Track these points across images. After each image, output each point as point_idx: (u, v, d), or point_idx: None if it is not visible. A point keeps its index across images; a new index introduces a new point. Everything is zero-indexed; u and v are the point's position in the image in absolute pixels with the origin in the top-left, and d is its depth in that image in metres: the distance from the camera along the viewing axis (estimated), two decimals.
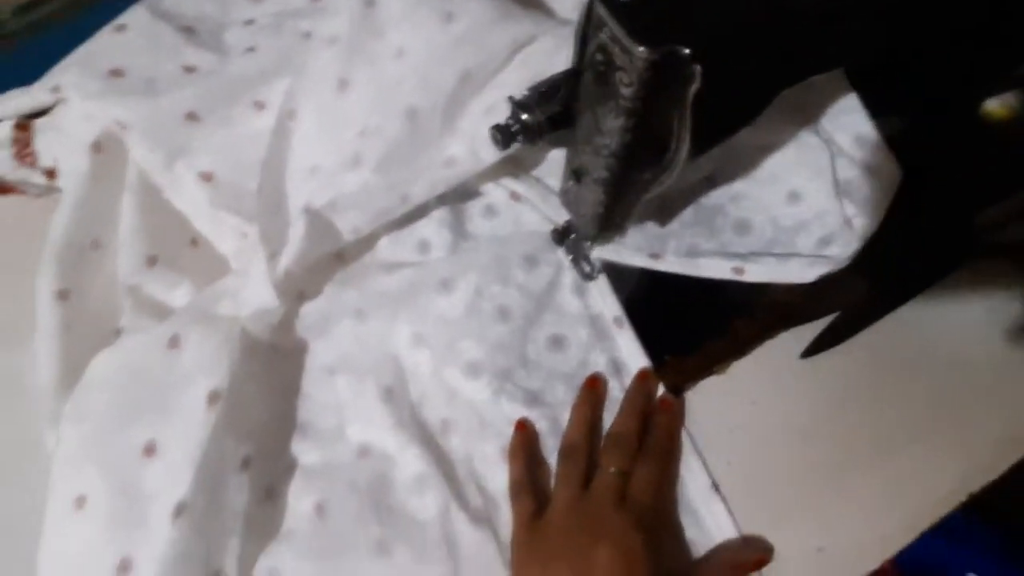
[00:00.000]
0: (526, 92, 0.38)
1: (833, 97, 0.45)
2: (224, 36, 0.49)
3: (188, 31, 0.48)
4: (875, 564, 0.40)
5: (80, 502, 0.36)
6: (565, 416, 0.42)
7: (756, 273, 0.42)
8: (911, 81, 0.46)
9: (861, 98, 0.45)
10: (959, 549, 0.55)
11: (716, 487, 0.41)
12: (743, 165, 0.46)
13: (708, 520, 0.40)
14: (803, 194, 0.45)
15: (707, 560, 0.40)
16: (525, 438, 0.41)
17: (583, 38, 0.33)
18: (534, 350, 0.44)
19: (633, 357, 0.44)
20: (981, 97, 0.46)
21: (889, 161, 0.44)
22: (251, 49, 0.48)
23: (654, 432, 0.41)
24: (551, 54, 0.43)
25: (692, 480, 0.41)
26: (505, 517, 0.40)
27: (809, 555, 0.40)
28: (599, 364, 0.44)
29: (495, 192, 0.48)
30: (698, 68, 0.28)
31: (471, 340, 0.43)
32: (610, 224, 0.41)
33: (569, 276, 0.46)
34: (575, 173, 0.38)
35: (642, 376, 0.43)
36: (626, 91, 0.29)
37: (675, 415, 0.42)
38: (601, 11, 0.29)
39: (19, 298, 0.42)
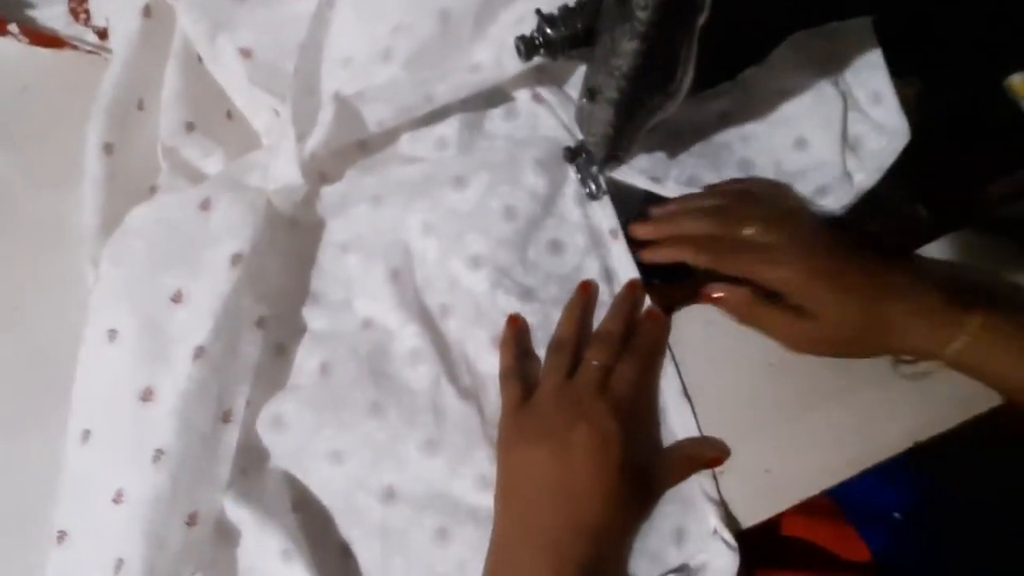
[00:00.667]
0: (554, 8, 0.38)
1: (858, 51, 0.45)
2: None
3: None
4: (814, 491, 0.42)
5: (112, 334, 0.39)
6: (556, 314, 0.44)
7: None
8: (938, 45, 0.46)
9: (886, 55, 0.44)
10: (892, 490, 0.55)
11: (687, 394, 0.43)
12: (759, 106, 0.46)
13: (676, 420, 0.42)
14: (810, 142, 0.45)
15: (670, 451, 0.42)
16: (516, 330, 0.43)
17: None
18: (534, 251, 0.45)
19: (624, 267, 0.45)
20: (1006, 70, 0.46)
21: (900, 122, 0.44)
22: None
23: (638, 335, 0.43)
24: None
25: (667, 385, 0.43)
26: (491, 396, 0.42)
27: (757, 474, 0.42)
28: (592, 270, 0.45)
29: (518, 94, 0.48)
30: None
31: (477, 234, 0.44)
32: (617, 147, 0.42)
33: (574, 186, 0.46)
34: (590, 92, 0.38)
35: (631, 285, 0.45)
36: (641, 14, 0.30)
37: (660, 324, 0.44)
38: None
39: (66, 146, 0.44)
